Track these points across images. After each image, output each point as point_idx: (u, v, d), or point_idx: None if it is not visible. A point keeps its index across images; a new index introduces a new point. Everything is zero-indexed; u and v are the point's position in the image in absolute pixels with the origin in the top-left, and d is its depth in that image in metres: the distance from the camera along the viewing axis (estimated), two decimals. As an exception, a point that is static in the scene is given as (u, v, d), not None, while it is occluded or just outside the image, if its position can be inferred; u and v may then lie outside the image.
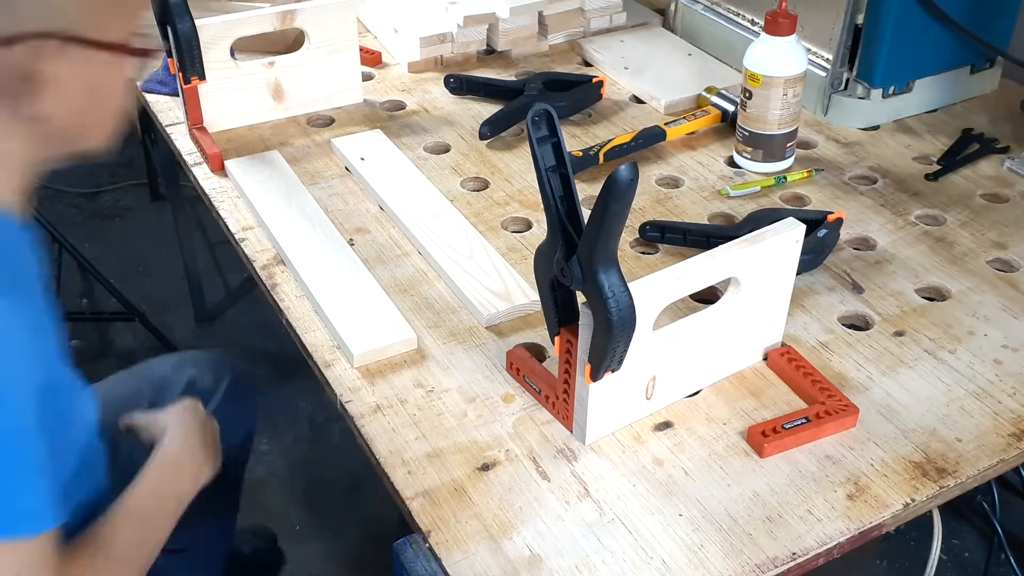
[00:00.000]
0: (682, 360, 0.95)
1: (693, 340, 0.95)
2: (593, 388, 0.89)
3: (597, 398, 0.90)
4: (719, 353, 0.98)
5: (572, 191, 0.83)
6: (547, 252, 0.86)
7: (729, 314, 0.96)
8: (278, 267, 1.17)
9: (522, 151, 1.39)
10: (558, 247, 0.84)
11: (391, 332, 1.04)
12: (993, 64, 1.52)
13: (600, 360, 0.85)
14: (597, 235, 0.79)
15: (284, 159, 1.34)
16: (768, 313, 1.00)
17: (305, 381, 2.27)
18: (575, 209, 0.83)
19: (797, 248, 0.96)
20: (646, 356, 0.91)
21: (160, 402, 1.32)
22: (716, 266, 0.91)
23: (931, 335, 1.06)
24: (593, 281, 0.81)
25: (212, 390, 1.39)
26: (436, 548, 0.83)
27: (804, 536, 0.84)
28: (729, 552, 0.83)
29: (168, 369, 1.39)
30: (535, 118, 0.81)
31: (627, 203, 0.77)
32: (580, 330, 0.86)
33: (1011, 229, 1.23)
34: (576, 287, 0.84)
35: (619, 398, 0.92)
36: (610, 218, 0.77)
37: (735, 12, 1.59)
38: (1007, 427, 0.95)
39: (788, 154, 1.33)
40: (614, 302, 0.81)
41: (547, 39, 1.66)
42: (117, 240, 2.69)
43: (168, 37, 1.30)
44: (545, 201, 0.84)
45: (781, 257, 0.96)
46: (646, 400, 0.95)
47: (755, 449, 0.92)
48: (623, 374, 0.89)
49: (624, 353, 0.86)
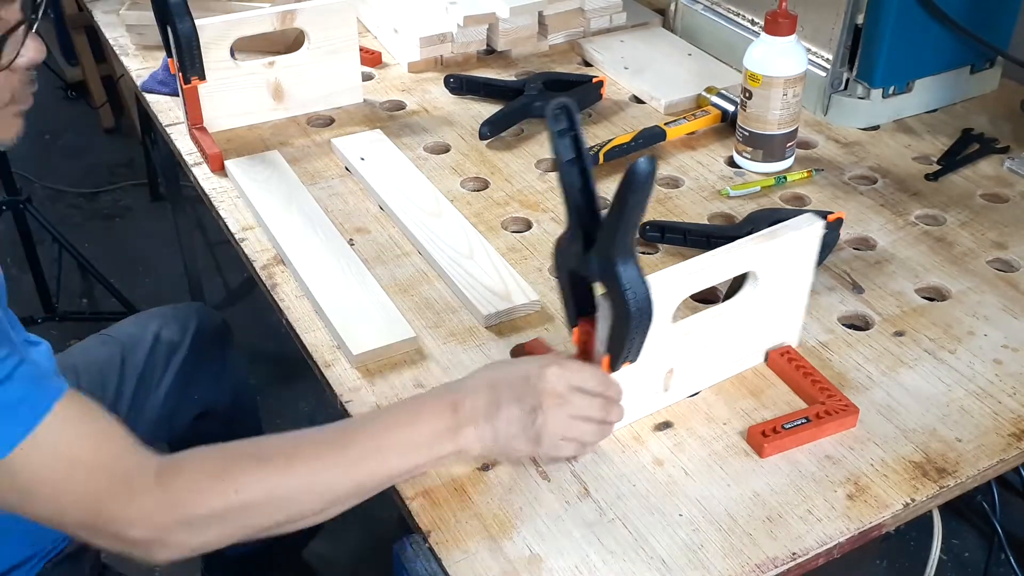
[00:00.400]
0: (699, 354, 0.96)
1: (710, 334, 0.95)
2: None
3: None
4: (737, 347, 0.99)
5: (590, 184, 0.84)
6: (566, 244, 0.87)
7: (747, 309, 0.97)
8: (278, 267, 1.17)
9: (522, 151, 1.39)
10: (577, 239, 0.85)
11: (391, 331, 1.04)
12: (993, 64, 1.52)
13: (618, 351, 0.86)
14: (616, 227, 0.80)
15: (284, 159, 1.34)
16: (786, 309, 1.00)
17: (305, 381, 2.27)
18: (593, 202, 0.84)
19: (816, 244, 0.97)
20: (664, 349, 0.92)
21: (130, 360, 1.37)
22: (734, 260, 0.92)
23: (931, 335, 1.06)
24: (611, 273, 0.82)
25: (178, 342, 1.44)
26: (436, 548, 0.83)
27: (804, 536, 0.84)
28: (729, 552, 0.83)
29: (134, 327, 1.44)
30: (555, 111, 0.82)
31: (646, 195, 0.78)
32: (598, 321, 0.87)
33: (1011, 229, 1.23)
34: (594, 279, 0.85)
35: (637, 389, 0.93)
36: (629, 210, 0.78)
37: (735, 12, 1.59)
38: (1007, 427, 0.95)
39: (788, 154, 1.33)
40: (632, 294, 0.82)
41: (547, 39, 1.66)
42: (117, 240, 2.69)
43: (168, 37, 1.30)
44: (564, 194, 0.85)
45: (799, 252, 0.96)
46: (664, 392, 0.96)
47: (755, 449, 0.92)
48: (640, 366, 0.90)
49: (642, 344, 0.87)
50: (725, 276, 0.93)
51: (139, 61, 1.63)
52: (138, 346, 1.41)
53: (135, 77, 1.58)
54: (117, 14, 1.69)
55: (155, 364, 1.41)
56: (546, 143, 1.40)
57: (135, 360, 1.40)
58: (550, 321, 1.08)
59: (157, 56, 1.62)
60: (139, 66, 1.61)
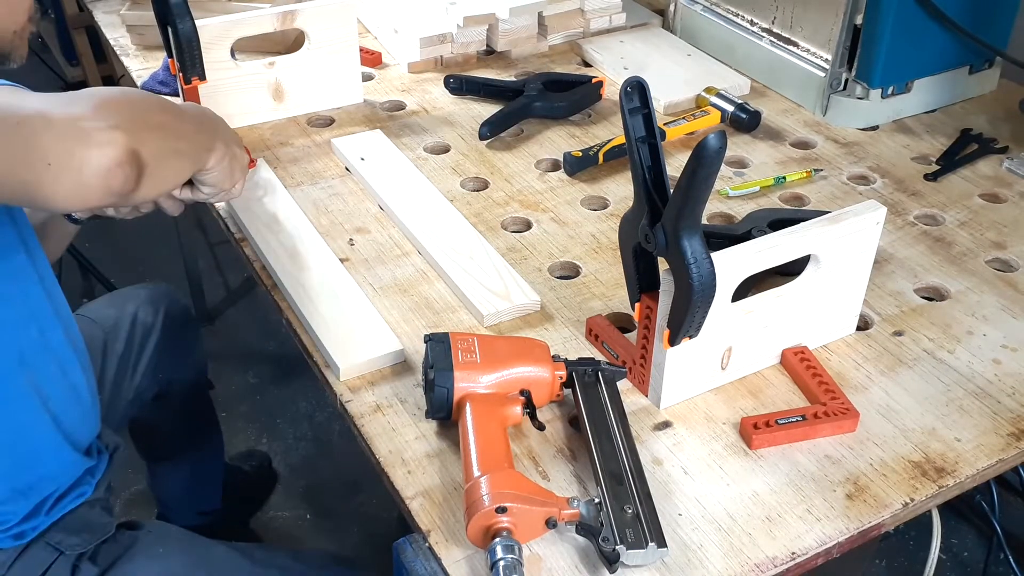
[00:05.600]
0: (758, 334, 0.97)
1: (770, 314, 0.97)
2: (670, 353, 0.92)
3: (674, 363, 0.93)
4: (795, 330, 1.00)
5: (660, 160, 0.87)
6: (632, 220, 0.90)
7: (807, 291, 0.98)
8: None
9: (522, 151, 1.39)
10: (643, 215, 0.88)
11: (377, 345, 1.02)
12: (992, 64, 1.52)
13: (679, 326, 0.88)
14: (684, 202, 0.82)
15: (268, 166, 1.33)
16: (846, 294, 1.02)
17: (305, 381, 2.27)
18: (662, 178, 0.87)
19: (878, 230, 0.98)
20: (723, 326, 0.93)
21: (112, 344, 1.47)
22: (796, 242, 0.94)
23: (930, 335, 1.06)
24: (676, 247, 0.84)
25: (152, 324, 1.53)
26: (436, 548, 0.83)
27: (803, 536, 0.84)
28: (728, 552, 0.83)
29: (113, 308, 1.51)
30: (627, 89, 0.86)
31: (714, 171, 0.79)
32: (660, 296, 0.89)
33: (1010, 229, 1.23)
34: (659, 253, 0.88)
35: (695, 366, 0.95)
36: (697, 185, 0.80)
37: (735, 12, 1.59)
38: (1006, 427, 0.95)
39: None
40: (696, 268, 0.83)
41: (547, 39, 1.67)
42: (117, 240, 2.69)
43: (168, 37, 1.30)
44: (633, 170, 0.87)
45: (861, 237, 0.98)
46: (721, 370, 0.97)
47: (744, 440, 0.93)
48: (700, 342, 0.92)
49: (703, 320, 0.88)
50: (788, 257, 0.94)
51: (140, 61, 1.63)
52: (119, 330, 1.47)
53: (136, 77, 1.58)
54: (118, 14, 1.69)
55: (132, 347, 1.48)
56: (545, 143, 1.41)
57: (116, 344, 1.46)
58: (550, 321, 1.08)
59: (157, 56, 1.62)
60: (140, 66, 1.61)
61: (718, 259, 0.86)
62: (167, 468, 1.74)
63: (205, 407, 1.75)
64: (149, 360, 1.50)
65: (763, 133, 1.43)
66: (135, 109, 0.91)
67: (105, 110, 0.87)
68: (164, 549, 1.19)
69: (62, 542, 1.12)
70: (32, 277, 1.05)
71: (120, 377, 1.46)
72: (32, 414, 1.07)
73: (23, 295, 1.04)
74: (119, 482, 1.95)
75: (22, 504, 1.10)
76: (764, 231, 1.11)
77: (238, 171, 1.10)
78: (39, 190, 0.84)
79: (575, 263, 1.17)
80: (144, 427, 1.66)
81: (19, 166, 0.83)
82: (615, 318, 1.08)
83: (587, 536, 0.81)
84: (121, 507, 1.95)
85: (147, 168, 0.90)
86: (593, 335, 1.04)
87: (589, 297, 1.11)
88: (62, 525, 1.13)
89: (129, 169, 0.88)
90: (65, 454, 1.13)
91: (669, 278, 0.87)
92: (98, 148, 0.85)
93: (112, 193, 0.87)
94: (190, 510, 1.76)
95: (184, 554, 1.19)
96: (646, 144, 0.87)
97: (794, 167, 1.35)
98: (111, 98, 0.90)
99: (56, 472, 1.13)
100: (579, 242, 1.21)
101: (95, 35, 3.09)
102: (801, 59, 1.48)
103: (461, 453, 0.88)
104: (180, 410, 1.65)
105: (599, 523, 0.81)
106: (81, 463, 1.15)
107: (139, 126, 0.90)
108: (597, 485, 0.84)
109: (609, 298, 1.11)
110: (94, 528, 1.16)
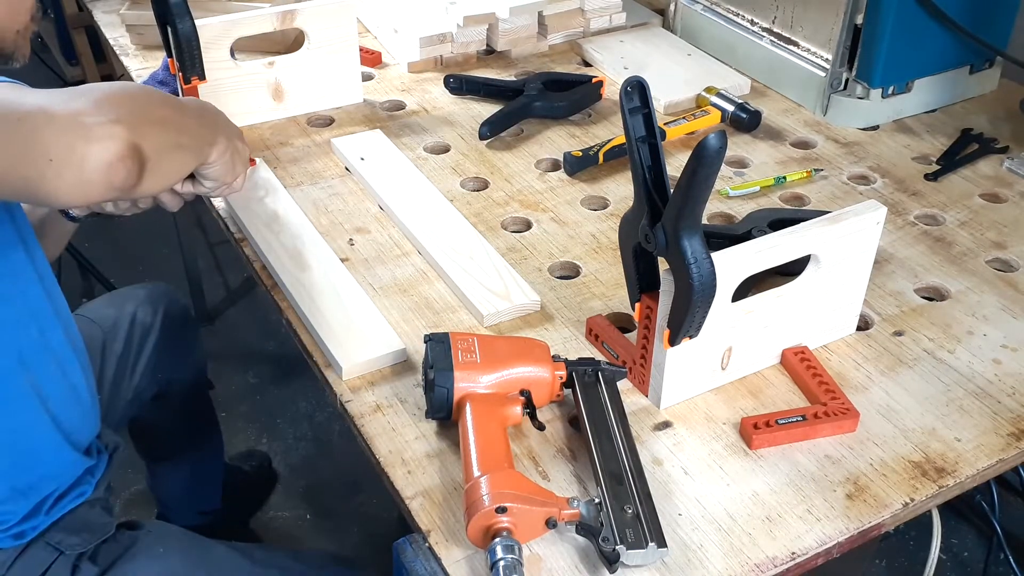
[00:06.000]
0: (758, 334, 0.97)
1: (770, 314, 0.97)
2: (671, 353, 0.92)
3: (674, 364, 0.93)
4: (796, 330, 1.00)
5: (660, 160, 0.87)
6: (632, 220, 0.90)
7: (808, 291, 0.98)
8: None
9: (522, 151, 1.39)
10: (643, 214, 0.88)
11: (379, 344, 1.02)
12: (992, 64, 1.52)
13: (679, 325, 0.88)
14: (684, 201, 0.82)
15: (268, 166, 1.33)
16: (846, 294, 1.01)
17: (305, 381, 2.27)
18: (662, 178, 0.87)
19: (878, 230, 0.98)
20: (723, 326, 0.93)
21: (111, 344, 1.47)
22: (796, 242, 0.94)
23: (930, 335, 1.06)
24: (676, 247, 0.84)
25: (151, 324, 1.54)
26: (436, 548, 0.83)
27: (803, 536, 0.84)
28: (728, 552, 0.83)
29: (112, 308, 1.52)
30: (627, 89, 0.86)
31: (715, 170, 0.79)
32: (660, 296, 0.89)
33: (1010, 229, 1.23)
34: (659, 253, 0.88)
35: (695, 366, 0.95)
36: (697, 184, 0.80)
37: (735, 12, 1.59)
38: (1006, 427, 0.95)
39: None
40: (696, 268, 0.83)
41: (547, 39, 1.67)
42: (117, 240, 2.69)
43: (168, 37, 1.30)
44: (634, 170, 0.87)
45: (861, 237, 0.98)
46: (721, 370, 0.97)
47: (745, 440, 0.93)
48: (700, 342, 0.92)
49: (703, 320, 0.88)
50: (789, 257, 0.94)
51: (139, 61, 1.63)
52: (118, 330, 1.47)
53: (135, 77, 1.58)
54: (117, 14, 1.69)
55: (131, 347, 1.48)
56: (545, 143, 1.41)
57: (115, 345, 1.47)
58: (550, 321, 1.08)
59: (157, 56, 1.62)
60: (139, 66, 1.61)
61: (718, 259, 0.86)
62: (167, 468, 1.74)
63: (205, 407, 1.75)
64: (148, 360, 1.50)
65: (763, 133, 1.43)
66: (136, 104, 0.91)
67: (106, 105, 0.87)
68: (164, 549, 1.19)
69: (62, 542, 1.12)
70: (31, 276, 1.05)
71: (119, 377, 1.46)
72: (32, 414, 1.07)
73: (22, 294, 1.04)
74: (119, 482, 1.95)
75: (22, 504, 1.10)
76: (764, 231, 1.11)
77: (240, 165, 1.10)
78: (41, 186, 0.84)
79: (575, 263, 1.17)
80: (144, 427, 1.66)
81: (21, 162, 0.82)
82: (615, 318, 1.08)
83: (587, 536, 0.81)
84: (121, 507, 1.95)
85: (149, 162, 0.90)
86: (593, 335, 1.04)
87: (589, 297, 1.11)
88: (62, 525, 1.13)
89: (131, 164, 0.88)
90: (65, 454, 1.13)
91: (669, 278, 0.87)
92: (100, 143, 0.85)
93: (114, 188, 0.87)
94: (190, 510, 1.76)
95: (184, 554, 1.19)
96: (646, 144, 0.87)
97: (794, 167, 1.35)
98: (112, 93, 0.89)
99: (56, 472, 1.13)
100: (579, 242, 1.20)
101: (95, 35, 3.09)
102: (801, 59, 1.48)
103: (461, 453, 0.88)
104: (180, 410, 1.65)
105: (599, 523, 0.80)
106: (81, 463, 1.15)
107: (140, 121, 0.90)
108: (597, 485, 0.84)
109: (609, 298, 1.11)
110: (94, 528, 1.16)
